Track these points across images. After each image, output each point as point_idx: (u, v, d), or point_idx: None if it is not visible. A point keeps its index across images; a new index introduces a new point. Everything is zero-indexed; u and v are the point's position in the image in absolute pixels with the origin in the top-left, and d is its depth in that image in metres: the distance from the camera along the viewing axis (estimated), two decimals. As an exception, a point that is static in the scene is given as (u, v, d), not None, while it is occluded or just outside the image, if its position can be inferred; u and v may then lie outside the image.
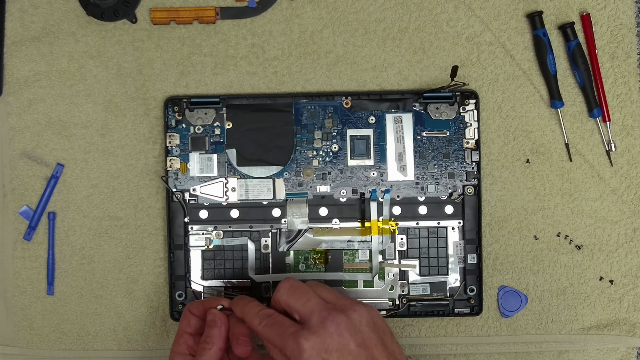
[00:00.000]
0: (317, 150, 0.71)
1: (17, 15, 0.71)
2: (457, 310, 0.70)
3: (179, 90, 0.71)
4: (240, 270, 0.71)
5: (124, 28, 0.71)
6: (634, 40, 0.71)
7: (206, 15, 0.71)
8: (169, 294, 0.70)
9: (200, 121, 0.71)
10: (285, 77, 0.71)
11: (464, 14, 0.71)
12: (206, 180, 0.71)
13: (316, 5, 0.71)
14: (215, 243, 0.70)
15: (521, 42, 0.71)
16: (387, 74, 0.71)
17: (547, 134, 0.71)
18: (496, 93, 0.71)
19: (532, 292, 0.71)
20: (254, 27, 0.71)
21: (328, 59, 0.71)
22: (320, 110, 0.71)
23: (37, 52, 0.71)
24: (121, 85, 0.71)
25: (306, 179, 0.71)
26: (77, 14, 0.72)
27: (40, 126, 0.71)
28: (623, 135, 0.71)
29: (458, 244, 0.70)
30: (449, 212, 0.70)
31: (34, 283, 0.72)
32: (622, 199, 0.71)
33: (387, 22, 0.71)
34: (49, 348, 0.72)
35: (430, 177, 0.70)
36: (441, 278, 0.70)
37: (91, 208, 0.71)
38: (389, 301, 0.70)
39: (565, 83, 0.71)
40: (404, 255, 0.70)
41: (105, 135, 0.71)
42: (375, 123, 0.71)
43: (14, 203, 0.72)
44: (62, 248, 0.72)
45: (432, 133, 0.71)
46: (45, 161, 0.72)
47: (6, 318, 0.72)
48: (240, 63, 0.71)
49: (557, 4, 0.71)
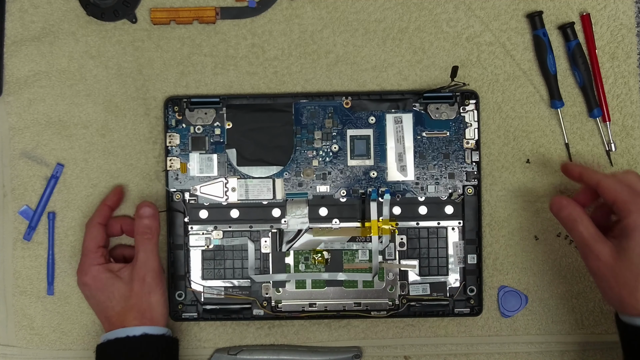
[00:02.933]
0: (317, 150, 0.71)
1: (17, 15, 0.71)
2: (457, 310, 0.70)
3: (179, 90, 0.71)
4: (240, 270, 0.71)
5: (124, 28, 0.71)
6: (634, 40, 0.71)
7: (206, 15, 0.71)
8: (168, 294, 0.70)
9: (200, 121, 0.71)
10: (285, 77, 0.71)
11: (464, 14, 0.71)
12: (206, 180, 0.71)
13: (316, 5, 0.71)
14: (215, 243, 0.70)
15: (521, 42, 0.71)
16: (387, 74, 0.71)
17: (547, 134, 0.71)
18: (496, 93, 0.71)
19: (532, 292, 0.71)
20: (254, 27, 0.71)
21: (328, 59, 0.71)
22: (320, 110, 0.71)
23: (37, 52, 0.71)
24: (121, 85, 0.71)
25: (306, 179, 0.71)
26: (77, 14, 0.72)
27: (40, 126, 0.71)
28: (623, 135, 0.71)
29: (458, 244, 0.70)
30: (449, 212, 0.70)
31: (34, 283, 0.72)
32: (622, 199, 0.71)
33: (387, 22, 0.71)
34: (49, 348, 0.72)
35: (430, 177, 0.70)
36: (441, 278, 0.70)
37: (91, 208, 0.71)
38: (389, 301, 0.70)
39: (565, 83, 0.71)
40: (403, 255, 0.70)
41: (105, 135, 0.71)
42: (375, 123, 0.71)
43: (14, 203, 0.72)
44: (62, 248, 0.72)
45: (432, 133, 0.71)
46: (45, 161, 0.72)
47: (6, 318, 0.72)
48: (240, 63, 0.71)
49: (557, 4, 0.71)
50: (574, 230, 0.61)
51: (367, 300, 0.70)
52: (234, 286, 0.70)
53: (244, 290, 0.71)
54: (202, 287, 0.70)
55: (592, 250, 0.59)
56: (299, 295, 0.70)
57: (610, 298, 0.59)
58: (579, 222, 0.61)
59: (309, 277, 0.70)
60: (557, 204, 0.63)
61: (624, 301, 0.57)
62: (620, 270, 0.57)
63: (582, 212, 0.61)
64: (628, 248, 0.57)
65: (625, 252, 0.57)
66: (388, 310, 0.70)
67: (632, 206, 0.58)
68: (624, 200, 0.59)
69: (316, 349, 0.71)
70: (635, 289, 0.57)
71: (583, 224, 0.61)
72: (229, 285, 0.70)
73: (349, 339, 0.72)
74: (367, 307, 0.70)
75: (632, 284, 0.57)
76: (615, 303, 0.59)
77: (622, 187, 0.60)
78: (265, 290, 0.70)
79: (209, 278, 0.71)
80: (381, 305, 0.70)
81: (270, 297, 0.70)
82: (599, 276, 0.59)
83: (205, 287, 0.70)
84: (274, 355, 0.70)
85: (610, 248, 0.58)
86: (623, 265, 0.57)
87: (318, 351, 0.71)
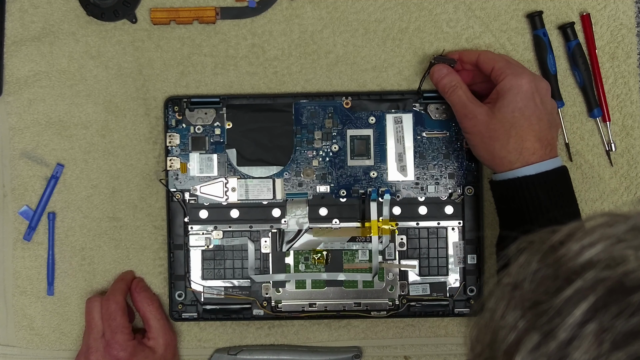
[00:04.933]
0: (317, 151, 0.71)
1: (17, 15, 0.71)
2: (457, 310, 0.70)
3: (179, 90, 0.71)
4: (240, 270, 0.71)
5: (124, 28, 0.71)
6: (634, 40, 0.71)
7: (206, 15, 0.71)
8: (168, 294, 0.70)
9: (200, 121, 0.71)
10: (285, 77, 0.71)
11: (464, 14, 0.71)
12: (206, 180, 0.71)
13: (316, 5, 0.71)
14: (215, 243, 0.70)
15: (521, 42, 0.71)
16: (387, 74, 0.71)
17: (547, 134, 0.71)
18: (496, 93, 0.71)
19: (532, 292, 0.71)
20: (254, 27, 0.71)
21: (328, 59, 0.71)
22: (320, 110, 0.71)
23: (37, 52, 0.71)
24: (121, 86, 0.71)
25: (306, 179, 0.71)
26: (77, 14, 0.72)
27: (40, 126, 0.71)
28: (623, 135, 0.71)
29: (458, 244, 0.70)
30: (449, 212, 0.70)
31: (34, 283, 0.72)
32: (622, 199, 0.71)
33: (387, 22, 0.71)
34: (49, 348, 0.72)
35: (430, 178, 0.70)
36: (441, 278, 0.70)
37: (91, 208, 0.71)
38: (389, 301, 0.70)
39: (565, 83, 0.71)
40: (403, 255, 0.70)
41: (105, 136, 0.71)
42: (375, 123, 0.71)
43: (14, 203, 0.71)
44: (62, 248, 0.72)
45: (432, 133, 0.71)
46: (45, 161, 0.72)
47: (6, 318, 0.72)
48: (240, 63, 0.71)
49: (557, 4, 0.71)
50: (453, 95, 0.66)
51: (367, 300, 0.70)
52: (234, 286, 0.70)
53: (244, 290, 0.71)
54: (202, 287, 0.70)
55: (470, 110, 0.64)
56: (299, 295, 0.70)
57: (483, 154, 0.64)
58: (459, 87, 0.66)
59: (308, 277, 0.70)
60: (437, 72, 0.68)
61: (495, 153, 0.63)
62: (494, 126, 0.63)
63: (460, 79, 0.67)
64: (502, 106, 0.63)
65: (499, 110, 0.63)
66: (388, 310, 0.70)
67: (507, 70, 0.64)
68: (500, 67, 0.64)
69: (316, 349, 0.71)
70: (506, 142, 0.62)
71: (462, 88, 0.66)
72: (229, 285, 0.70)
73: (349, 339, 0.72)
74: (367, 307, 0.70)
75: (503, 138, 0.62)
76: (488, 157, 0.64)
77: (499, 57, 0.66)
78: (265, 290, 0.70)
79: (209, 278, 0.71)
80: (381, 305, 0.70)
81: (270, 297, 0.70)
82: (474, 133, 0.64)
83: (205, 287, 0.70)
84: (274, 355, 0.70)
85: (486, 109, 0.64)
86: (497, 121, 0.63)
87: (318, 351, 0.71)
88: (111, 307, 0.66)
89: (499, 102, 0.63)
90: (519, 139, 0.62)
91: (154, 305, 0.69)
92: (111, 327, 0.66)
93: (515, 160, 0.62)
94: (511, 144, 0.62)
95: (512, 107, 0.62)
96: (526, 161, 0.62)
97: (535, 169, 0.62)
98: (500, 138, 0.63)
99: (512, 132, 0.62)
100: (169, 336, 0.69)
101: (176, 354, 0.70)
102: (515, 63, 0.67)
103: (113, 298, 0.67)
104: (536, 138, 0.62)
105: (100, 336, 0.66)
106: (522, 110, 0.62)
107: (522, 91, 0.63)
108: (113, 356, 0.65)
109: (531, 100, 0.63)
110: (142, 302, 0.69)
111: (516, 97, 0.63)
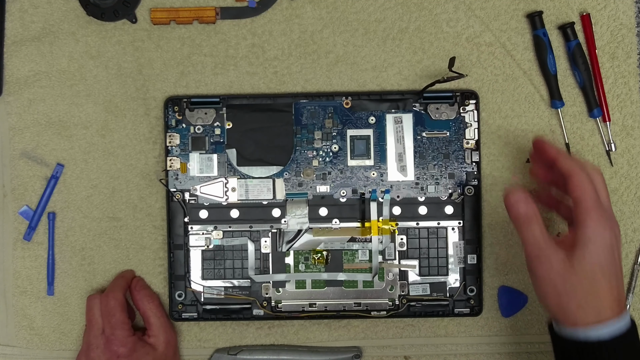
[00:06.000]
0: (317, 151, 0.71)
1: (17, 15, 0.71)
2: (457, 310, 0.70)
3: (179, 90, 0.71)
4: (240, 270, 0.71)
5: (124, 28, 0.71)
6: (634, 40, 0.71)
7: (206, 15, 0.71)
8: (168, 294, 0.70)
9: (200, 121, 0.71)
10: (285, 77, 0.71)
11: (464, 14, 0.71)
12: (206, 180, 0.71)
13: (316, 5, 0.71)
14: (215, 243, 0.70)
15: (521, 42, 0.71)
16: (387, 74, 0.71)
17: (547, 134, 0.71)
18: (496, 93, 0.71)
19: (532, 292, 0.71)
20: (254, 27, 0.71)
21: (328, 59, 0.71)
22: (320, 110, 0.71)
23: (37, 52, 0.71)
24: (121, 86, 0.71)
25: (306, 179, 0.71)
26: (77, 14, 0.72)
27: (40, 126, 0.71)
28: (623, 135, 0.71)
29: (458, 244, 0.70)
30: (449, 212, 0.70)
31: (34, 283, 0.72)
32: (622, 199, 0.71)
33: (387, 22, 0.71)
34: (49, 348, 0.72)
35: (430, 178, 0.70)
36: (441, 278, 0.70)
37: (91, 208, 0.71)
38: (389, 301, 0.70)
39: (565, 83, 0.71)
40: (403, 255, 0.70)
41: (105, 136, 0.71)
42: (375, 123, 0.71)
43: (14, 203, 0.72)
44: (62, 248, 0.72)
45: (432, 133, 0.71)
46: (45, 161, 0.72)
47: (6, 318, 0.72)
48: (240, 63, 0.71)
49: (557, 4, 0.71)
50: (528, 231, 0.58)
51: (367, 300, 0.70)
52: (234, 286, 0.71)
53: (244, 290, 0.71)
54: (202, 287, 0.70)
55: (546, 254, 0.57)
56: (298, 295, 0.70)
57: (553, 307, 0.58)
58: (535, 221, 0.58)
59: (308, 277, 0.70)
60: (513, 196, 0.60)
61: (568, 311, 0.57)
62: (571, 281, 0.56)
63: (538, 211, 0.59)
64: (582, 258, 0.56)
65: (579, 262, 0.56)
66: (388, 310, 0.70)
67: (593, 213, 0.57)
68: (587, 207, 0.57)
69: (316, 349, 0.71)
70: (584, 302, 0.56)
71: (539, 223, 0.58)
72: (229, 285, 0.71)
73: (349, 339, 0.72)
74: (367, 307, 0.70)
75: (581, 296, 0.56)
76: (558, 311, 0.58)
77: (591, 191, 0.58)
78: (265, 290, 0.70)
79: (209, 278, 0.71)
80: (381, 305, 0.70)
81: (270, 297, 0.70)
82: (545, 281, 0.58)
83: (205, 287, 0.70)
84: (274, 355, 0.71)
85: (562, 256, 0.57)
86: (575, 276, 0.56)
87: (318, 351, 0.71)
88: (110, 303, 0.66)
89: (579, 252, 0.56)
90: (597, 298, 0.56)
91: (154, 303, 0.69)
92: (111, 323, 0.66)
93: (590, 321, 0.56)
94: (589, 302, 0.56)
95: (593, 261, 0.56)
96: (599, 319, 0.56)
97: (610, 332, 0.56)
98: (578, 296, 0.56)
99: (591, 289, 0.56)
100: (170, 334, 0.69)
101: (177, 352, 0.70)
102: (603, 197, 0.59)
103: (112, 295, 0.67)
104: (613, 298, 0.56)
105: (100, 333, 0.66)
106: (602, 267, 0.56)
107: (605, 245, 0.56)
108: (113, 352, 0.65)
109: (611, 254, 0.57)
110: (142, 300, 0.69)
111: (598, 249, 0.56)
